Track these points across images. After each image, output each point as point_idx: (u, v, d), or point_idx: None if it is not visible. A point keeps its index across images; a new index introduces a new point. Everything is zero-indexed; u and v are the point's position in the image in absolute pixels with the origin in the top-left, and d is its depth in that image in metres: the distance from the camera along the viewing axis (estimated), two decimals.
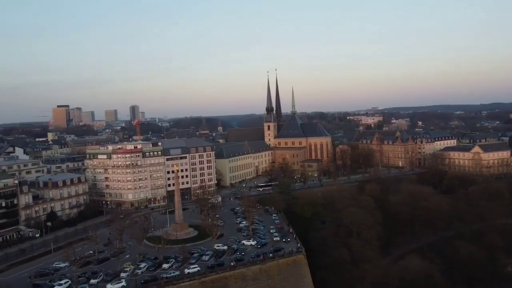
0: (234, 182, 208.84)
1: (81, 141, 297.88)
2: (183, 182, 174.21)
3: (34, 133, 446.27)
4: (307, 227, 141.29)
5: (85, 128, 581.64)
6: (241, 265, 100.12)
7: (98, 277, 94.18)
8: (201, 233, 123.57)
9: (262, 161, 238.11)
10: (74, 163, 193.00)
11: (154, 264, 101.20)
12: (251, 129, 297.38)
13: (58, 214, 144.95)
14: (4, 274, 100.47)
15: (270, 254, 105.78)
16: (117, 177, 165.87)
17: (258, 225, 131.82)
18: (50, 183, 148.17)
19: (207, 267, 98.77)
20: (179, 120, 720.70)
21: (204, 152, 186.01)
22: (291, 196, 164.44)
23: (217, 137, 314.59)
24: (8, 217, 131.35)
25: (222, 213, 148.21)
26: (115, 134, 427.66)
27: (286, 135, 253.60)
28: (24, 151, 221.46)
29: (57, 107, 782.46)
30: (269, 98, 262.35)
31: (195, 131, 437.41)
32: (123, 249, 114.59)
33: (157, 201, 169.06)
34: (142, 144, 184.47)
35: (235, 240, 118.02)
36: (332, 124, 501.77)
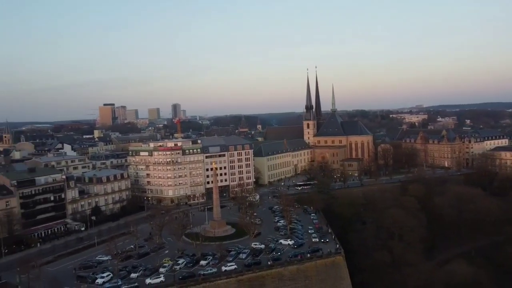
0: (273, 180, 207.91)
1: (125, 138, 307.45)
2: (221, 180, 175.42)
3: (82, 131, 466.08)
4: (347, 227, 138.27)
5: (129, 126, 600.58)
6: (278, 265, 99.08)
7: (138, 271, 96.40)
8: (238, 231, 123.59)
9: (301, 159, 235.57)
10: (118, 159, 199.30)
11: (192, 261, 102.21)
12: (290, 127, 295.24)
13: (102, 208, 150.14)
14: (52, 265, 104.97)
15: (308, 255, 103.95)
16: (157, 173, 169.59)
17: (296, 224, 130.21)
18: (95, 179, 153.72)
19: (244, 266, 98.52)
20: (219, 118, 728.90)
21: (242, 150, 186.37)
22: (330, 196, 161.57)
23: (256, 135, 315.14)
24: (56, 211, 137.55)
25: (260, 211, 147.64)
26: (157, 131, 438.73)
27: (325, 133, 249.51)
28: (72, 148, 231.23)
29: (104, 105, 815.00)
30: (308, 96, 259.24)
31: (234, 129, 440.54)
32: (163, 244, 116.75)
33: (196, 198, 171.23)
34: (182, 141, 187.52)
35: (273, 239, 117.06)
36: (374, 122, 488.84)
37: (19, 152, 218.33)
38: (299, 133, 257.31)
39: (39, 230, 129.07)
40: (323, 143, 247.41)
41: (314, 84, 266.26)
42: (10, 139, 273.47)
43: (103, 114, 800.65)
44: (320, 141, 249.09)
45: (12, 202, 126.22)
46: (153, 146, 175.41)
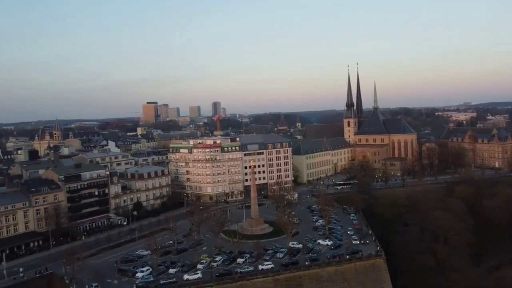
0: (311, 179, 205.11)
1: (166, 135, 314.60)
2: (259, 178, 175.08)
3: (127, 128, 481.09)
4: (388, 229, 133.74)
5: (171, 124, 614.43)
6: (316, 265, 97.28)
7: (176, 267, 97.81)
8: (276, 229, 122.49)
9: (341, 158, 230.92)
10: (159, 156, 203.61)
11: (229, 258, 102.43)
12: (330, 125, 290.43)
13: (143, 204, 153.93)
14: (95, 257, 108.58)
15: (347, 256, 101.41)
16: (197, 170, 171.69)
17: (335, 224, 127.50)
18: (137, 175, 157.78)
19: (281, 265, 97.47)
20: (259, 116, 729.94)
21: (281, 148, 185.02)
22: (371, 196, 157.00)
23: (295, 133, 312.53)
24: (100, 205, 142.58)
25: (298, 210, 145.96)
26: (197, 129, 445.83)
27: (367, 131, 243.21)
28: (116, 145, 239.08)
29: (147, 103, 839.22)
30: (349, 93, 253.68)
31: (273, 127, 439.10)
32: (201, 241, 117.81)
33: (234, 195, 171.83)
34: (221, 139, 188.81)
35: (311, 239, 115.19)
36: (418, 120, 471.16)
37: (67, 148, 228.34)
38: (339, 131, 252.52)
39: (84, 224, 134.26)
40: (364, 142, 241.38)
41: (355, 81, 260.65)
42: (60, 136, 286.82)
43: (146, 112, 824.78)
44: (361, 139, 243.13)
45: (59, 196, 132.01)
46: (192, 144, 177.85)
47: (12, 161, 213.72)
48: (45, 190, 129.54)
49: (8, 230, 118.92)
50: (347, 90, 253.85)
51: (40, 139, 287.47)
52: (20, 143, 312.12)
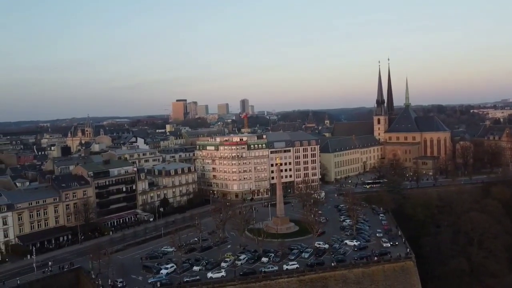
0: (339, 177, 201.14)
1: (194, 132, 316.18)
2: (286, 176, 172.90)
3: (157, 125, 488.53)
4: (418, 230, 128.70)
5: (200, 121, 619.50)
6: (343, 266, 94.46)
7: (201, 264, 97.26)
8: (302, 228, 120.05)
9: (370, 156, 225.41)
10: (186, 153, 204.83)
11: (253, 257, 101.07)
12: (360, 123, 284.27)
13: (170, 200, 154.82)
14: (121, 253, 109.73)
15: (375, 258, 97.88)
16: (223, 168, 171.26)
17: (363, 224, 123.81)
18: (164, 172, 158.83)
19: (306, 265, 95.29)
20: (287, 114, 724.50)
21: (308, 146, 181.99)
22: (402, 196, 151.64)
23: (323, 131, 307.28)
24: (127, 201, 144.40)
25: (325, 209, 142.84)
26: (225, 126, 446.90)
27: (398, 129, 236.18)
28: (144, 141, 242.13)
29: (176, 101, 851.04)
30: (380, 89, 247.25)
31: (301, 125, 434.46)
32: (226, 239, 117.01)
33: (261, 193, 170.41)
34: (247, 136, 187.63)
35: (337, 239, 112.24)
36: (452, 118, 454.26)
37: (98, 145, 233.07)
38: (369, 129, 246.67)
39: (112, 219, 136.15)
40: (395, 140, 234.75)
41: (386, 77, 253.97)
42: (91, 133, 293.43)
43: (175, 109, 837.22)
44: (392, 137, 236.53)
45: (88, 192, 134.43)
46: (219, 141, 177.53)
47: (45, 157, 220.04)
48: (75, 185, 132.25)
49: (39, 224, 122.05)
50: (378, 87, 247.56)
51: (73, 136, 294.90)
52: (54, 139, 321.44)
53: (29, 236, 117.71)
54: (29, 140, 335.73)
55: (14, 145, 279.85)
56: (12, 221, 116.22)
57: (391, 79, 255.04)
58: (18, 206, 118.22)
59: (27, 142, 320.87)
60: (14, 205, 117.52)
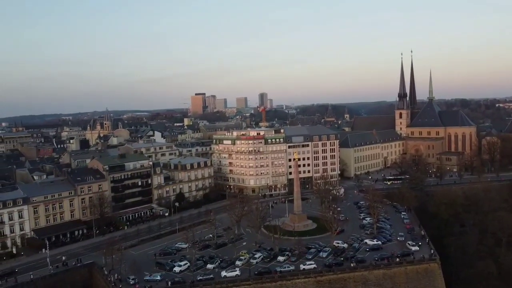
0: (359, 173, 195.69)
1: (212, 126, 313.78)
2: (304, 171, 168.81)
3: (175, 119, 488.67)
4: (443, 230, 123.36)
5: (218, 115, 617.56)
6: (363, 267, 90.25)
7: (215, 262, 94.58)
8: (319, 226, 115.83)
9: (392, 151, 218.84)
10: (203, 147, 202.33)
11: (269, 255, 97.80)
12: (380, 117, 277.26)
13: (186, 195, 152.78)
14: (135, 248, 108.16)
15: (397, 259, 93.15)
16: (240, 162, 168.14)
17: (384, 223, 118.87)
18: (180, 166, 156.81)
19: (324, 265, 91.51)
20: (306, 108, 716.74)
21: (327, 141, 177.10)
22: (425, 193, 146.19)
23: (343, 125, 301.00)
24: (143, 195, 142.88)
25: (344, 206, 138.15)
26: (243, 120, 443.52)
27: (421, 123, 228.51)
28: (162, 135, 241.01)
29: (195, 95, 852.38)
30: (402, 83, 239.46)
31: (320, 119, 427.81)
32: (241, 235, 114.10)
33: (278, 188, 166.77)
34: (265, 131, 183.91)
35: (357, 238, 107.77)
36: (476, 112, 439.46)
37: (116, 138, 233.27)
38: (390, 123, 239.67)
39: (127, 214, 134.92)
40: (418, 135, 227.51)
41: (409, 70, 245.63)
42: (110, 126, 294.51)
43: (194, 103, 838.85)
44: (414, 132, 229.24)
45: (104, 186, 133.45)
46: (236, 135, 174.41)
47: (64, 150, 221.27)
48: (90, 179, 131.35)
49: (55, 218, 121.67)
50: (400, 80, 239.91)
51: (92, 129, 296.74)
52: (73, 132, 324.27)
53: (45, 229, 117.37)
54: (50, 133, 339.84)
55: (35, 138, 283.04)
56: (28, 214, 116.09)
57: (414, 72, 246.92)
58: (34, 199, 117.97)
59: (48, 135, 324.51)
60: (30, 199, 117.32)
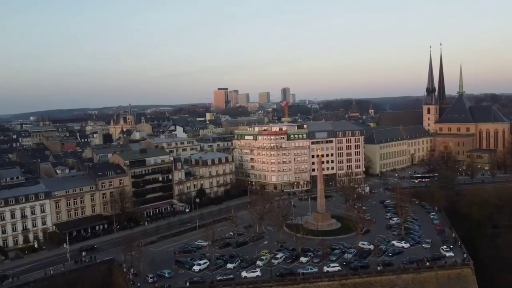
0: (385, 170, 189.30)
1: (234, 121, 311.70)
2: (327, 168, 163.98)
3: (198, 113, 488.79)
4: (475, 232, 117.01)
5: (240, 109, 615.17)
6: (390, 271, 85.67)
7: (235, 261, 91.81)
8: (344, 226, 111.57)
9: (419, 148, 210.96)
10: (224, 142, 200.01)
11: (291, 256, 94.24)
12: (407, 112, 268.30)
13: (207, 191, 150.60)
14: (155, 245, 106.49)
15: (427, 262, 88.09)
16: (261, 158, 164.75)
17: (412, 224, 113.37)
18: (201, 161, 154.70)
19: (350, 268, 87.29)
20: (329, 102, 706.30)
21: (352, 137, 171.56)
22: (455, 192, 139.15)
23: (368, 121, 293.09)
24: (163, 191, 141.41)
25: (369, 205, 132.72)
26: (266, 115, 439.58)
27: (450, 119, 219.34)
28: (183, 130, 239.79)
29: (218, 89, 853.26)
30: (430, 77, 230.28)
31: (344, 114, 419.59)
32: (262, 234, 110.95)
33: (300, 185, 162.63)
34: (287, 126, 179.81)
35: (384, 239, 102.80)
36: (507, 108, 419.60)
37: (139, 132, 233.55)
38: (418, 119, 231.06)
39: (147, 209, 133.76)
40: (447, 131, 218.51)
41: (438, 63, 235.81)
42: (133, 121, 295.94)
43: (217, 98, 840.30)
44: (443, 128, 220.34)
45: (125, 181, 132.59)
46: (257, 130, 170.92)
47: (88, 144, 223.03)
48: (111, 174, 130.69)
49: (76, 212, 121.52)
50: (428, 74, 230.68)
51: (115, 124, 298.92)
52: (97, 127, 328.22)
53: (66, 224, 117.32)
54: (75, 128, 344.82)
55: (60, 132, 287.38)
56: (50, 208, 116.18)
57: (443, 65, 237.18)
58: (56, 194, 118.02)
59: (73, 129, 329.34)
60: (52, 193, 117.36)
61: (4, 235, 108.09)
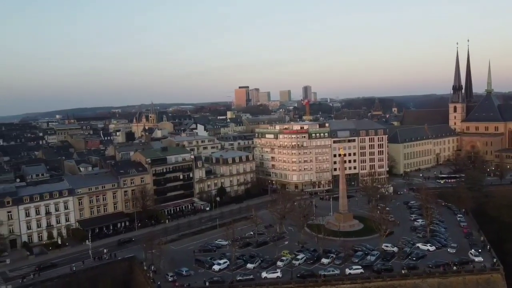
0: (409, 170, 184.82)
1: (254, 119, 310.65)
2: (350, 167, 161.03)
3: (219, 112, 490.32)
4: (504, 235, 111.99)
5: (261, 108, 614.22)
6: (415, 275, 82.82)
7: (255, 261, 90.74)
8: (367, 227, 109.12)
9: (445, 148, 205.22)
10: (245, 141, 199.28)
11: (312, 257, 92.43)
12: (432, 111, 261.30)
13: (227, 190, 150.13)
14: (175, 243, 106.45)
15: (454, 267, 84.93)
16: (282, 157, 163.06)
17: (438, 226, 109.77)
18: (222, 160, 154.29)
19: (373, 271, 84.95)
20: (351, 101, 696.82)
21: (375, 136, 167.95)
22: (483, 194, 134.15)
23: (391, 119, 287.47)
24: (184, 189, 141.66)
25: (393, 206, 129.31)
26: (287, 113, 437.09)
27: (477, 118, 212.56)
28: (204, 128, 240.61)
29: (239, 88, 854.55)
30: (457, 74, 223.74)
31: (366, 112, 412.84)
32: (283, 234, 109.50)
33: (322, 185, 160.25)
34: (309, 124, 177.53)
35: (408, 241, 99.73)
36: None
37: (160, 131, 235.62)
38: (443, 118, 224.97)
39: (168, 207, 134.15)
40: (474, 130, 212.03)
41: (465, 60, 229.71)
42: (155, 119, 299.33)
43: (238, 96, 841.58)
44: (470, 127, 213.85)
45: (146, 179, 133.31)
46: (278, 129, 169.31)
47: (111, 142, 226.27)
48: (133, 172, 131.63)
49: (99, 209, 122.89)
50: (455, 71, 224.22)
51: (138, 122, 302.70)
52: (120, 125, 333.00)
53: (89, 221, 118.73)
54: (99, 126, 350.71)
55: (84, 130, 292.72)
56: (73, 205, 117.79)
57: (470, 62, 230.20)
58: (79, 191, 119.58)
59: (97, 127, 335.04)
60: (75, 190, 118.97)
61: (29, 231, 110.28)
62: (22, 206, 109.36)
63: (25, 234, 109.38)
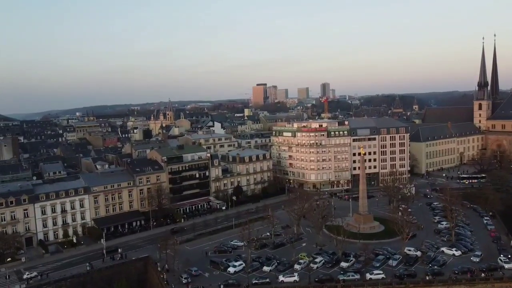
0: (431, 169, 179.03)
1: (272, 117, 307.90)
2: (370, 166, 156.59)
3: (237, 109, 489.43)
4: None
5: (279, 105, 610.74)
6: (440, 281, 78.60)
7: (272, 264, 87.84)
8: (388, 229, 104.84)
9: (469, 146, 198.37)
10: (262, 139, 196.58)
11: (331, 260, 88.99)
12: (455, 108, 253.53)
13: (243, 189, 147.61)
14: (190, 244, 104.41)
15: (482, 273, 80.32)
16: (300, 156, 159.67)
17: (463, 229, 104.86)
18: (238, 158, 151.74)
19: (394, 276, 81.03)
20: (370, 98, 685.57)
21: (396, 134, 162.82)
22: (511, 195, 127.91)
23: (413, 117, 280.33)
24: (200, 188, 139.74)
25: (415, 207, 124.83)
26: (305, 111, 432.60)
27: (504, 116, 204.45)
28: (221, 126, 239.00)
29: (257, 85, 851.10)
30: (483, 70, 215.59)
31: (386, 110, 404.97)
32: (301, 235, 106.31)
33: (341, 184, 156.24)
34: (327, 122, 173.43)
35: (432, 245, 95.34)
36: None
37: (178, 128, 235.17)
38: (467, 116, 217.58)
39: (184, 206, 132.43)
40: (500, 128, 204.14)
41: (491, 56, 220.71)
42: (172, 117, 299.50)
43: (256, 93, 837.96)
44: (496, 125, 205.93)
45: (162, 177, 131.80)
46: (296, 127, 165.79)
47: (128, 140, 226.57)
48: (149, 170, 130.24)
49: (114, 208, 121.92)
50: (481, 67, 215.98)
51: (155, 119, 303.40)
52: (138, 122, 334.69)
53: (104, 219, 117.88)
54: (117, 123, 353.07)
55: (102, 127, 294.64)
56: (89, 203, 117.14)
57: (497, 57, 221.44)
58: (94, 189, 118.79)
59: (115, 124, 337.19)
60: (91, 188, 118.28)
61: (45, 229, 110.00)
62: (38, 204, 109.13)
63: (41, 232, 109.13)
